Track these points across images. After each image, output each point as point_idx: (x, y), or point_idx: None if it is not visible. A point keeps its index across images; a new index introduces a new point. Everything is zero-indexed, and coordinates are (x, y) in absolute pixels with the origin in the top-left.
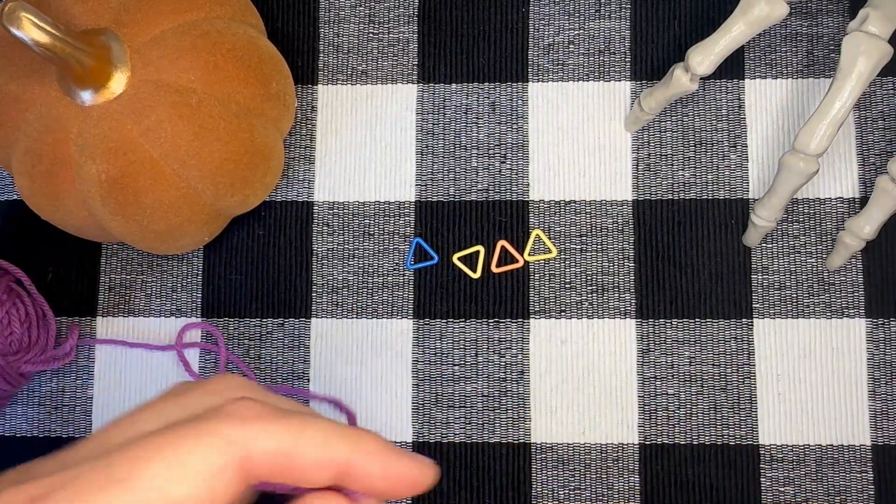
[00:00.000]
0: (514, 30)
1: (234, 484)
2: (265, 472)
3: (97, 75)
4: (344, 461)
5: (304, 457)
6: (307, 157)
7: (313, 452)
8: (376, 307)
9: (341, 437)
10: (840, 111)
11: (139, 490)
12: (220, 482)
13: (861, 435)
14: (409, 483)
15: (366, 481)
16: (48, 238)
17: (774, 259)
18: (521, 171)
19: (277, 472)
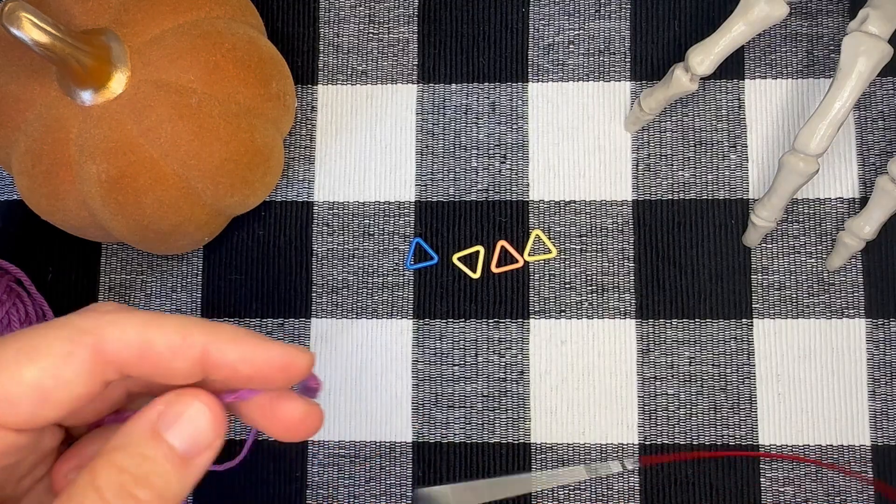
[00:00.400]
0: (514, 30)
1: (86, 371)
2: (122, 362)
3: (97, 75)
4: (200, 346)
5: (157, 341)
6: (307, 157)
7: (167, 337)
8: (376, 307)
9: (197, 324)
10: (840, 111)
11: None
12: (68, 367)
13: (861, 435)
14: (277, 366)
15: (227, 368)
16: (48, 238)
17: (774, 259)
18: (521, 171)
19: (135, 361)
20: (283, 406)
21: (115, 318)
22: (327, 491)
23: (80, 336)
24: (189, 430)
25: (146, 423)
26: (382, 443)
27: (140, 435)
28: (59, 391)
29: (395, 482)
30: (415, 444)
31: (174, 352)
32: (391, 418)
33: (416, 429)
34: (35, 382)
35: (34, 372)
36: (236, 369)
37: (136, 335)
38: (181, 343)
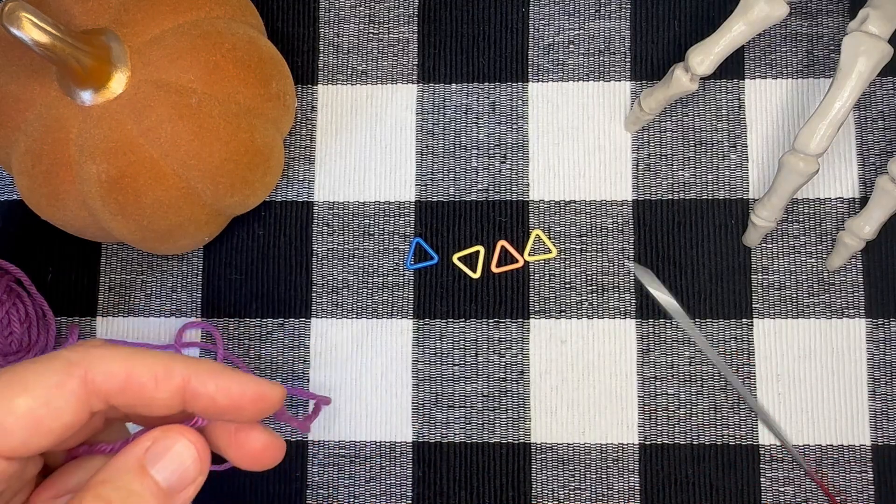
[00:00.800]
0: (514, 30)
1: (75, 400)
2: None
3: (97, 75)
4: (181, 379)
5: (141, 373)
6: (307, 157)
7: (149, 369)
8: (376, 307)
9: (180, 359)
10: (840, 111)
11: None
12: (58, 397)
13: (861, 435)
14: (252, 398)
15: (206, 398)
16: (48, 238)
17: (774, 259)
18: (521, 171)
19: (119, 390)
20: (247, 436)
21: (102, 351)
22: (327, 491)
23: (69, 367)
24: (174, 466)
25: (133, 458)
26: (382, 443)
27: (127, 470)
28: (50, 420)
29: (395, 482)
30: (415, 444)
31: (157, 382)
32: (391, 418)
33: (416, 429)
34: (27, 411)
35: (27, 401)
36: (214, 400)
37: (122, 366)
38: (164, 374)
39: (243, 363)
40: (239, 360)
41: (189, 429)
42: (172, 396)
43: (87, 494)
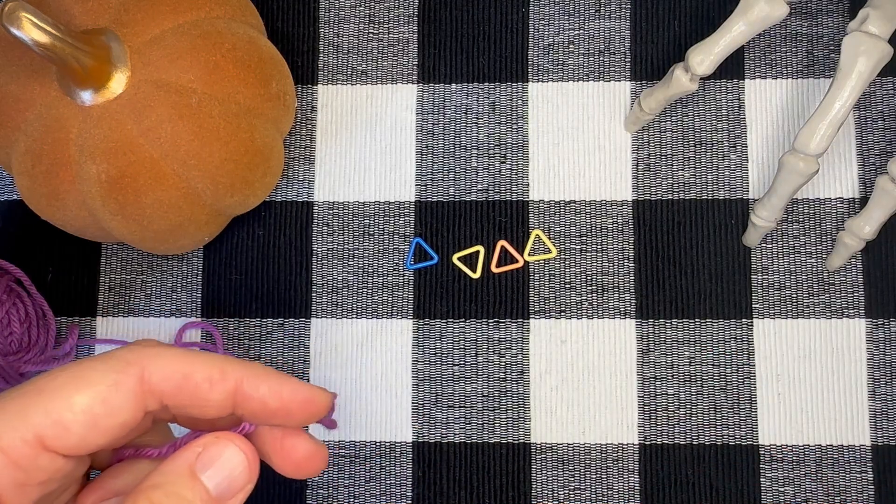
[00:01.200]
0: (514, 30)
1: (132, 399)
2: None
3: (97, 75)
4: (235, 381)
5: (196, 374)
6: (307, 157)
7: (205, 370)
8: (376, 307)
9: (232, 362)
10: (840, 111)
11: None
12: (116, 395)
13: (861, 435)
14: (302, 401)
15: (258, 402)
16: (48, 238)
17: (774, 259)
18: (521, 171)
19: (174, 391)
20: (293, 444)
21: (158, 351)
22: (327, 491)
23: (126, 367)
24: (225, 473)
25: (185, 463)
26: (382, 443)
27: (178, 475)
28: (107, 418)
29: (395, 482)
30: (415, 444)
31: (212, 383)
32: (391, 418)
33: (416, 429)
34: (86, 409)
35: (85, 399)
36: (265, 403)
37: (178, 367)
38: (218, 376)
39: None
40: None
41: (239, 436)
42: (225, 398)
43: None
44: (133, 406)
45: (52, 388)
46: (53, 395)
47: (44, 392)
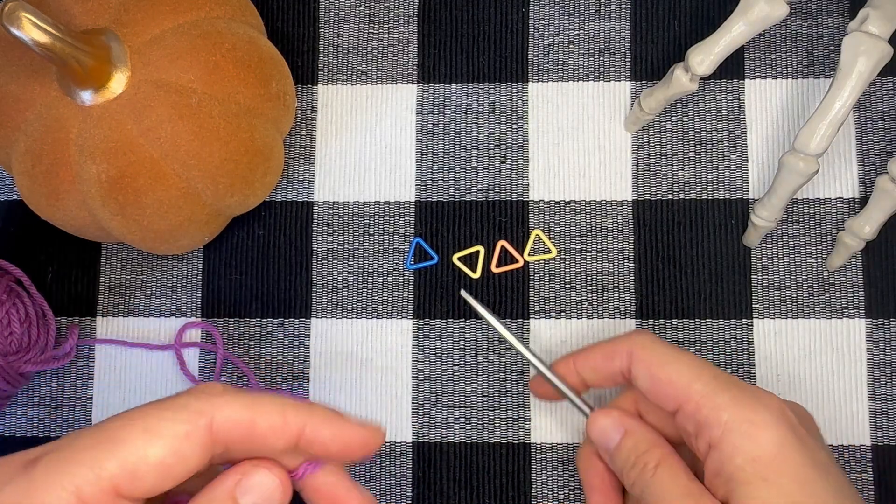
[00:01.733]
0: (514, 30)
1: (201, 448)
2: (229, 439)
3: (97, 75)
4: (297, 427)
5: (262, 424)
6: (307, 157)
7: (270, 420)
8: (376, 307)
9: (294, 407)
10: (840, 111)
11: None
12: (187, 446)
13: (861, 435)
14: (360, 443)
15: (320, 445)
16: (48, 238)
17: (774, 259)
18: (521, 171)
19: (240, 439)
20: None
21: (224, 400)
22: None
23: (196, 417)
24: (260, 496)
25: (225, 490)
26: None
27: (221, 500)
28: (178, 467)
29: (395, 482)
30: (415, 444)
31: (275, 432)
32: (391, 418)
33: (416, 429)
34: (160, 460)
35: (159, 451)
36: (327, 446)
37: (244, 416)
38: (281, 425)
39: (244, 363)
40: (239, 360)
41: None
42: (288, 444)
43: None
44: (201, 455)
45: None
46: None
47: (118, 443)
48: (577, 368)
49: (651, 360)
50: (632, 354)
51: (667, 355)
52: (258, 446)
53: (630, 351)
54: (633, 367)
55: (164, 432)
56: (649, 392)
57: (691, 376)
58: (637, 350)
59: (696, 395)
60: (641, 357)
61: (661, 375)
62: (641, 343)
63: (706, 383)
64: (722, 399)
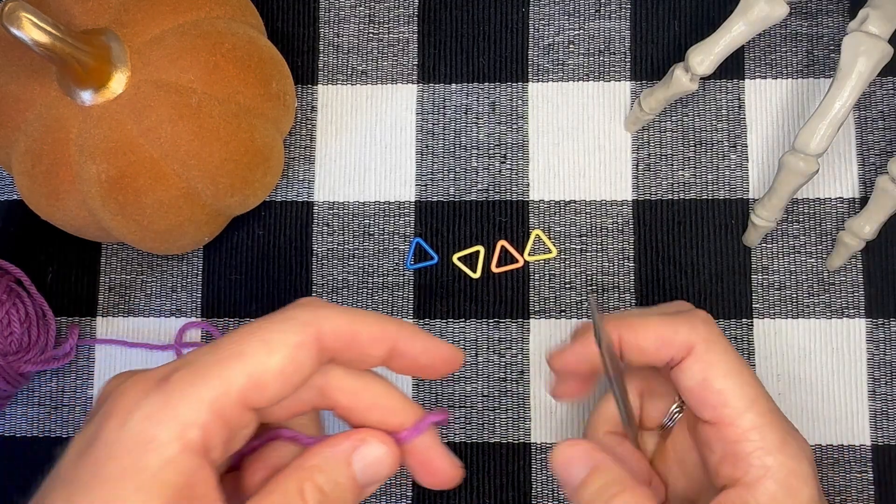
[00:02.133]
0: (514, 30)
1: (313, 356)
2: (335, 348)
3: (97, 75)
4: (393, 337)
5: (362, 333)
6: (307, 157)
7: (370, 329)
8: (376, 307)
9: (390, 319)
10: (840, 111)
11: (245, 363)
12: (301, 354)
13: (861, 435)
14: (445, 359)
15: (410, 357)
16: (48, 238)
17: (774, 259)
18: (521, 171)
19: (344, 347)
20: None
21: (327, 311)
22: None
23: (305, 328)
24: (371, 464)
25: (343, 453)
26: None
27: (337, 462)
28: (295, 375)
29: (395, 482)
30: None
31: (374, 341)
32: None
33: None
34: (280, 369)
35: (278, 360)
36: (416, 359)
37: (347, 326)
38: (380, 334)
39: None
40: None
41: (385, 434)
42: (385, 353)
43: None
44: (313, 363)
45: (248, 352)
46: (251, 359)
47: (242, 356)
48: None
49: (711, 365)
50: (692, 348)
51: (729, 365)
52: (360, 356)
53: (690, 343)
54: (686, 363)
55: (281, 343)
56: (691, 392)
57: (748, 401)
58: (700, 344)
59: (747, 424)
60: (703, 358)
61: (717, 386)
62: (706, 337)
63: (760, 415)
64: (771, 441)
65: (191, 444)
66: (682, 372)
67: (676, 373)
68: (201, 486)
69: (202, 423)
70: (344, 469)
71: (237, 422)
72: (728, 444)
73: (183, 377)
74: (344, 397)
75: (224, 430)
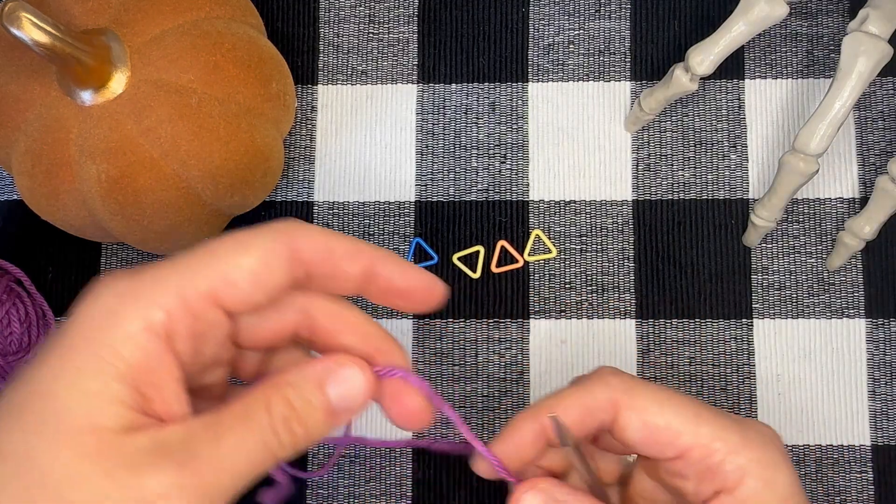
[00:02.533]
0: (514, 30)
1: (287, 264)
2: (310, 261)
3: (97, 75)
4: (369, 258)
5: (338, 248)
6: (307, 157)
7: (345, 245)
8: (376, 307)
9: (367, 244)
10: (840, 111)
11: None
12: (275, 259)
13: (861, 435)
14: (425, 288)
15: (386, 279)
16: (48, 238)
17: (774, 259)
18: (521, 171)
19: (319, 262)
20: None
21: (304, 226)
22: (327, 491)
23: (280, 236)
24: (346, 390)
25: (314, 374)
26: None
27: (309, 381)
28: (267, 277)
29: (395, 482)
30: None
31: (350, 257)
32: None
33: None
34: (251, 269)
35: (250, 261)
36: (393, 282)
37: (322, 240)
38: (355, 251)
39: None
40: None
41: (363, 362)
42: (360, 273)
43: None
44: (287, 270)
45: (221, 252)
46: (224, 258)
47: (216, 255)
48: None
49: (644, 407)
50: (616, 403)
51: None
52: (335, 272)
53: (612, 399)
54: (620, 418)
55: (254, 246)
56: (641, 442)
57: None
58: (621, 397)
59: (705, 438)
60: (631, 404)
61: (660, 422)
62: (622, 387)
63: (711, 424)
64: (733, 441)
65: (153, 325)
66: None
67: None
68: (160, 374)
69: (167, 308)
70: (317, 390)
71: (204, 316)
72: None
73: (155, 268)
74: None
75: (189, 320)
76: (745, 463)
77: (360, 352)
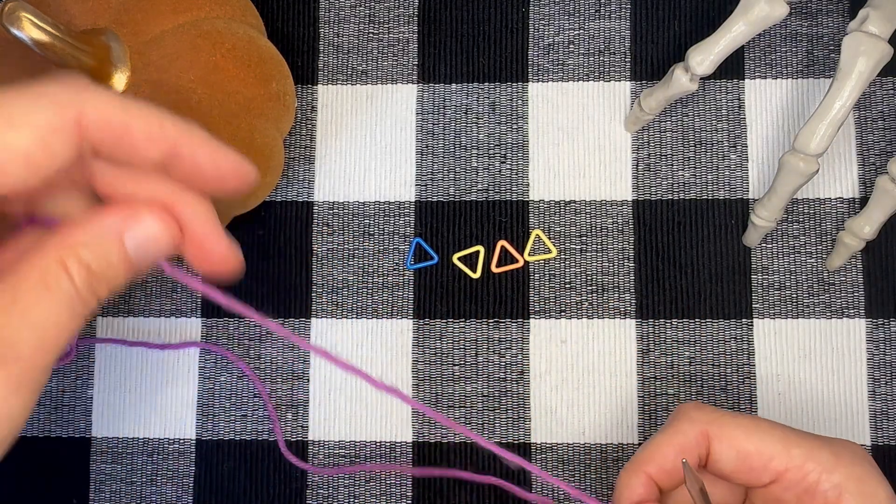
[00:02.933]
0: (514, 30)
1: (69, 143)
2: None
3: (97, 75)
4: (174, 141)
5: (136, 128)
6: (307, 157)
7: (145, 125)
8: (376, 307)
9: (172, 119)
10: (840, 111)
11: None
12: (54, 138)
13: (861, 435)
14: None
15: (191, 162)
16: None
17: (774, 259)
18: (521, 171)
19: (111, 140)
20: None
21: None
22: (327, 491)
23: (63, 110)
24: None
25: (112, 229)
26: (382, 443)
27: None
28: (45, 161)
29: (395, 482)
30: (415, 444)
31: (150, 140)
32: (391, 418)
33: (416, 429)
34: (25, 151)
35: (24, 141)
36: (200, 168)
37: (117, 116)
38: (158, 133)
39: (244, 363)
40: (239, 360)
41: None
42: (162, 155)
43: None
44: (69, 149)
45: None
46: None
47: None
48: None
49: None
50: (708, 436)
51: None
52: (130, 152)
53: (704, 433)
54: (713, 449)
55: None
56: (736, 471)
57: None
58: (712, 429)
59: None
60: (721, 435)
61: (750, 448)
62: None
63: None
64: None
65: None
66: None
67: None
68: None
69: None
70: (115, 247)
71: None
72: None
73: None
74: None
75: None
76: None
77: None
